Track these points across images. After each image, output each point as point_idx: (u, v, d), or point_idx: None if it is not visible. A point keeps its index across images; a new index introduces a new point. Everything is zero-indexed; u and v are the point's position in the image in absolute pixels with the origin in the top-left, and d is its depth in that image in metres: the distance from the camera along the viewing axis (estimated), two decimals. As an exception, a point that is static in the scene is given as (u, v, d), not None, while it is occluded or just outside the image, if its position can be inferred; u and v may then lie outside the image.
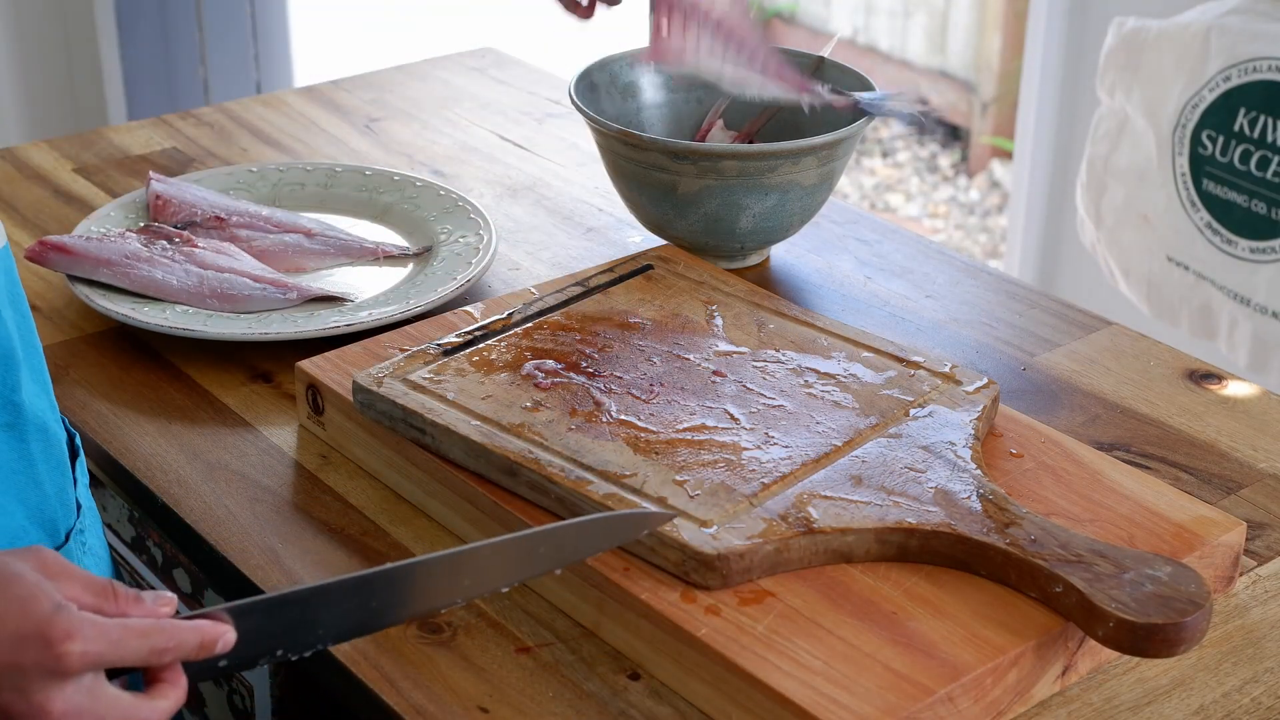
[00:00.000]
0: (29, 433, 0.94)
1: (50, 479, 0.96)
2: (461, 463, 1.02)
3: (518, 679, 0.92)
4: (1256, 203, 2.09)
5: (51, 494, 0.96)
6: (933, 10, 4.12)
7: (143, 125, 1.66)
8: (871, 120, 1.33)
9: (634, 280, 1.21)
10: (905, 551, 0.94)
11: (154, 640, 0.78)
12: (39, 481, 0.95)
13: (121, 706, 0.77)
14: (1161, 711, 0.91)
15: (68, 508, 0.98)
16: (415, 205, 1.43)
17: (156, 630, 0.78)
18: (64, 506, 0.98)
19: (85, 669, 0.76)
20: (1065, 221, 2.61)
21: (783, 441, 1.01)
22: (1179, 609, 0.87)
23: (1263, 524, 1.06)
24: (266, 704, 1.07)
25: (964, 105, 4.11)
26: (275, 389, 1.19)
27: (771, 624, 0.89)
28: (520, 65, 1.84)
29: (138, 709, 0.78)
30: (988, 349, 1.26)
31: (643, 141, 1.29)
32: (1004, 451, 1.05)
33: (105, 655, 0.77)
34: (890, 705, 0.84)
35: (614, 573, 0.93)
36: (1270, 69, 2.04)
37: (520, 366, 1.09)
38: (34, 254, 1.26)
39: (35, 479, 0.95)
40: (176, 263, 1.28)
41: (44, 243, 1.26)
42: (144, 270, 1.27)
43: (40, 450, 0.95)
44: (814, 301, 1.33)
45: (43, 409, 0.96)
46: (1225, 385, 1.22)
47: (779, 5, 4.44)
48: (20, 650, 0.75)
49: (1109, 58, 2.23)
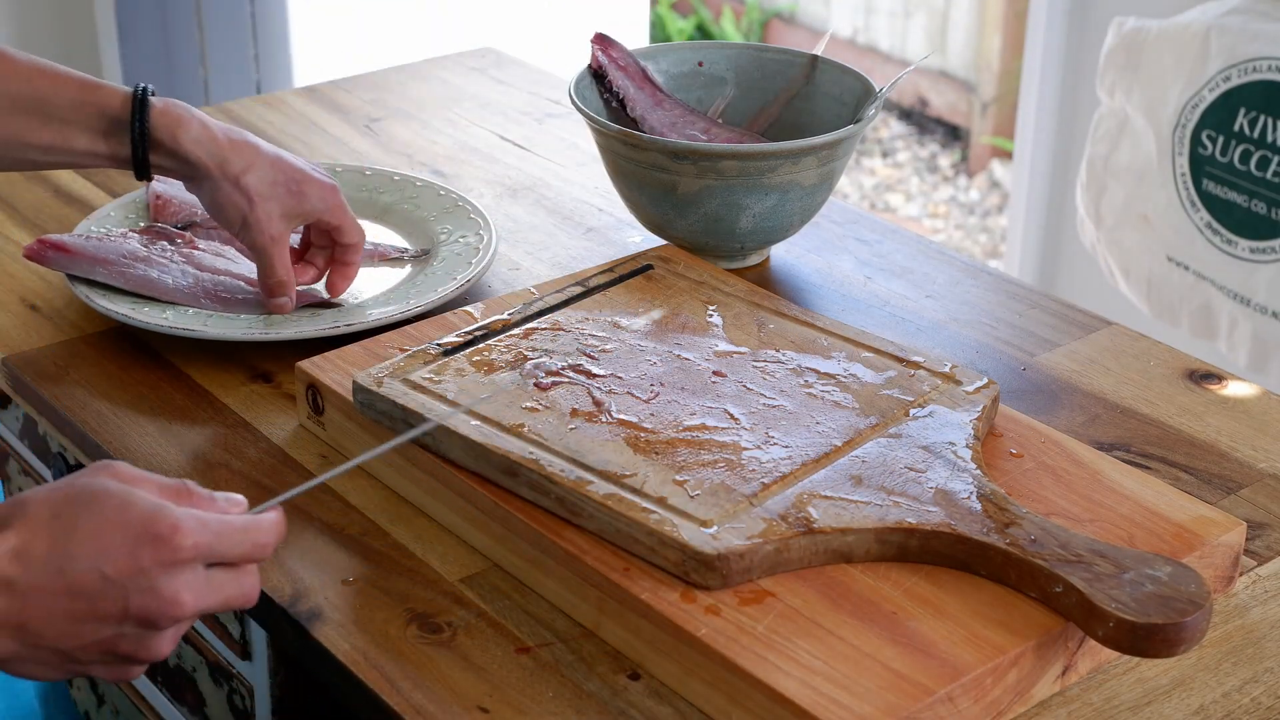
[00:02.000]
0: None
1: None
2: (461, 463, 1.02)
3: (518, 679, 0.92)
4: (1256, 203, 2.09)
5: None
6: (933, 10, 4.12)
7: (143, 125, 1.66)
8: (872, 120, 1.33)
9: (634, 280, 1.21)
10: (905, 551, 0.94)
11: (253, 535, 0.83)
12: None
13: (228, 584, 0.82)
14: (1161, 711, 0.91)
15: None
16: (415, 205, 1.43)
17: (254, 526, 0.83)
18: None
19: (197, 558, 0.81)
20: (1065, 221, 2.61)
21: (783, 441, 1.01)
22: (1179, 609, 0.87)
23: (1263, 524, 1.06)
24: (266, 704, 1.07)
25: (964, 105, 4.11)
26: (275, 389, 1.19)
27: (771, 624, 0.89)
28: (520, 65, 1.84)
29: (239, 583, 0.82)
30: (988, 349, 1.26)
31: (643, 141, 1.29)
32: (1004, 451, 1.05)
33: (213, 546, 0.81)
34: (890, 705, 0.84)
35: (614, 573, 0.93)
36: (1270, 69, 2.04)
37: (520, 366, 1.09)
38: (32, 252, 1.26)
39: None
40: (174, 263, 1.28)
41: (42, 241, 1.26)
42: (140, 270, 1.27)
43: None
44: (814, 301, 1.33)
45: None
46: (1225, 385, 1.22)
47: (779, 5, 4.44)
48: (137, 554, 0.79)
49: (1109, 58, 2.23)
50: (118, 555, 0.79)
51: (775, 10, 4.45)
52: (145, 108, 1.17)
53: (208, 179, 1.19)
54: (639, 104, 1.39)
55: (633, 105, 1.39)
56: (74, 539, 0.80)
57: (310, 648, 0.95)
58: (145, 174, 1.19)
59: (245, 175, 1.19)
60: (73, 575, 0.79)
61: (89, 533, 0.80)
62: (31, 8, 2.71)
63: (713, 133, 1.40)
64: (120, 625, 0.80)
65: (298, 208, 1.21)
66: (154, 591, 0.80)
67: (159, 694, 1.23)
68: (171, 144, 1.18)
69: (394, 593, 0.98)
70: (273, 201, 1.20)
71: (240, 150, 1.19)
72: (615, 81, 1.39)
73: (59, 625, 0.80)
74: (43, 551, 0.79)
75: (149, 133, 1.17)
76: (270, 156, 1.21)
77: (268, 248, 1.21)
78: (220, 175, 1.18)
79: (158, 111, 1.18)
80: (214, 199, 1.20)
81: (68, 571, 0.79)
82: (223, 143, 1.19)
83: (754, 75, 1.44)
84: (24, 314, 1.29)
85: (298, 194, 1.21)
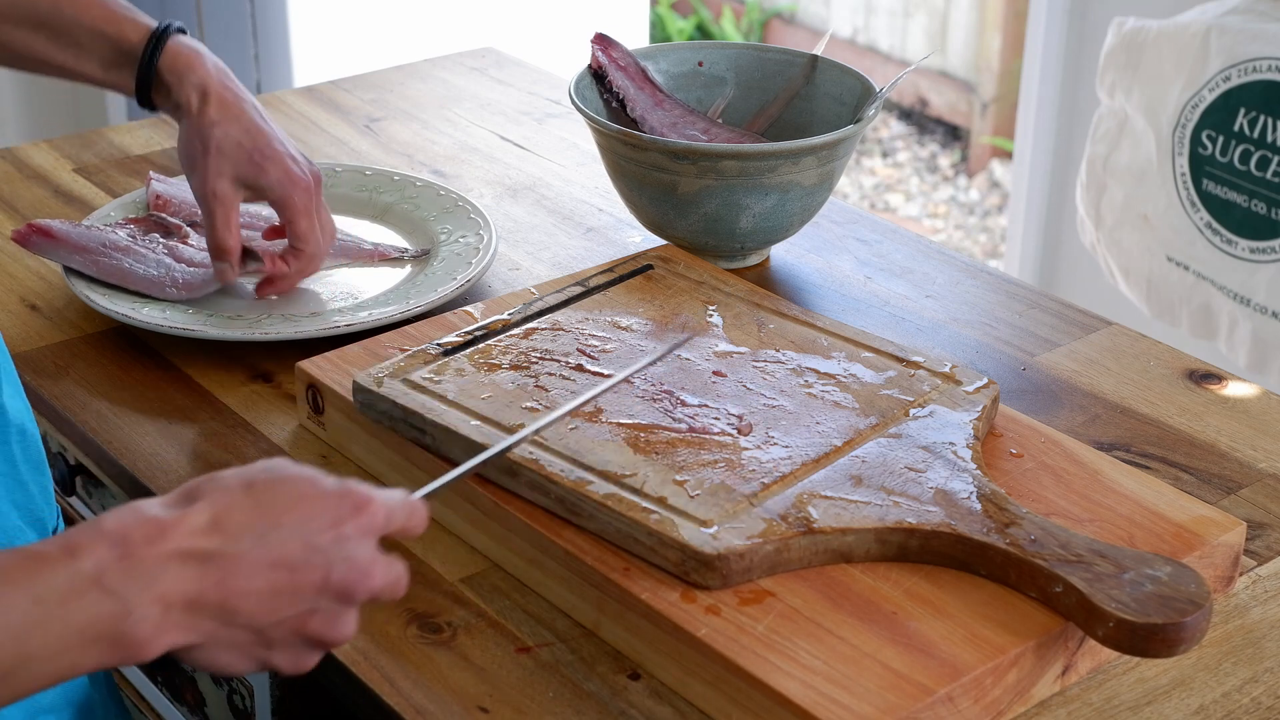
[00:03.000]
0: (10, 435, 0.95)
1: (32, 478, 0.97)
2: (462, 462, 1.01)
3: (518, 679, 0.92)
4: (1256, 203, 2.09)
5: (36, 493, 0.97)
6: (933, 10, 4.12)
7: (143, 125, 1.66)
8: (872, 120, 1.33)
9: (634, 280, 1.21)
10: (905, 551, 0.94)
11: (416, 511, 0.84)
12: (23, 481, 0.96)
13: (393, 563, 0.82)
14: (1161, 711, 0.91)
15: (51, 505, 0.99)
16: (415, 205, 1.43)
17: (413, 506, 0.84)
18: (48, 504, 0.98)
19: (387, 527, 0.82)
20: (1065, 221, 2.61)
21: (783, 441, 1.01)
22: (1179, 609, 0.87)
23: (1263, 524, 1.06)
24: (266, 704, 1.07)
25: (964, 105, 4.11)
26: (275, 389, 1.19)
27: (771, 624, 0.89)
28: (520, 65, 1.84)
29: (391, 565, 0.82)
30: (988, 349, 1.26)
31: (643, 141, 1.29)
32: (1004, 451, 1.05)
33: (395, 514, 0.82)
34: (890, 705, 0.84)
35: (614, 573, 0.93)
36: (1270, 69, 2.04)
37: (520, 367, 1.09)
38: (19, 236, 1.29)
39: (20, 479, 0.95)
40: (154, 254, 1.29)
41: (31, 226, 1.28)
42: (114, 259, 1.27)
43: (20, 451, 0.96)
44: (814, 301, 1.33)
45: (19, 409, 0.96)
46: (1225, 385, 1.22)
47: (779, 5, 4.44)
48: (339, 521, 0.79)
49: (1109, 58, 2.23)
50: (321, 522, 0.78)
51: (775, 10, 4.45)
52: (157, 51, 1.22)
53: (185, 119, 1.23)
54: (639, 104, 1.39)
55: (633, 105, 1.39)
56: (277, 508, 0.78)
57: (310, 648, 0.95)
58: (148, 105, 1.25)
59: (215, 127, 1.21)
60: (277, 544, 0.77)
61: (290, 501, 0.78)
62: (31, 8, 2.71)
63: (713, 133, 1.40)
64: (318, 599, 0.79)
65: (251, 177, 1.23)
66: (353, 561, 0.79)
67: (159, 694, 1.23)
68: (170, 85, 1.23)
69: (394, 593, 0.98)
70: (227, 160, 1.22)
71: (224, 105, 1.22)
72: (615, 81, 1.39)
73: (259, 599, 0.77)
74: (241, 521, 0.77)
75: (152, 74, 1.22)
76: (249, 121, 1.23)
77: (209, 200, 1.22)
78: (194, 117, 1.22)
79: (169, 55, 1.22)
80: (182, 137, 1.23)
81: (272, 541, 0.77)
82: (212, 92, 1.22)
83: (754, 75, 1.44)
84: (24, 314, 1.29)
85: (256, 165, 1.22)
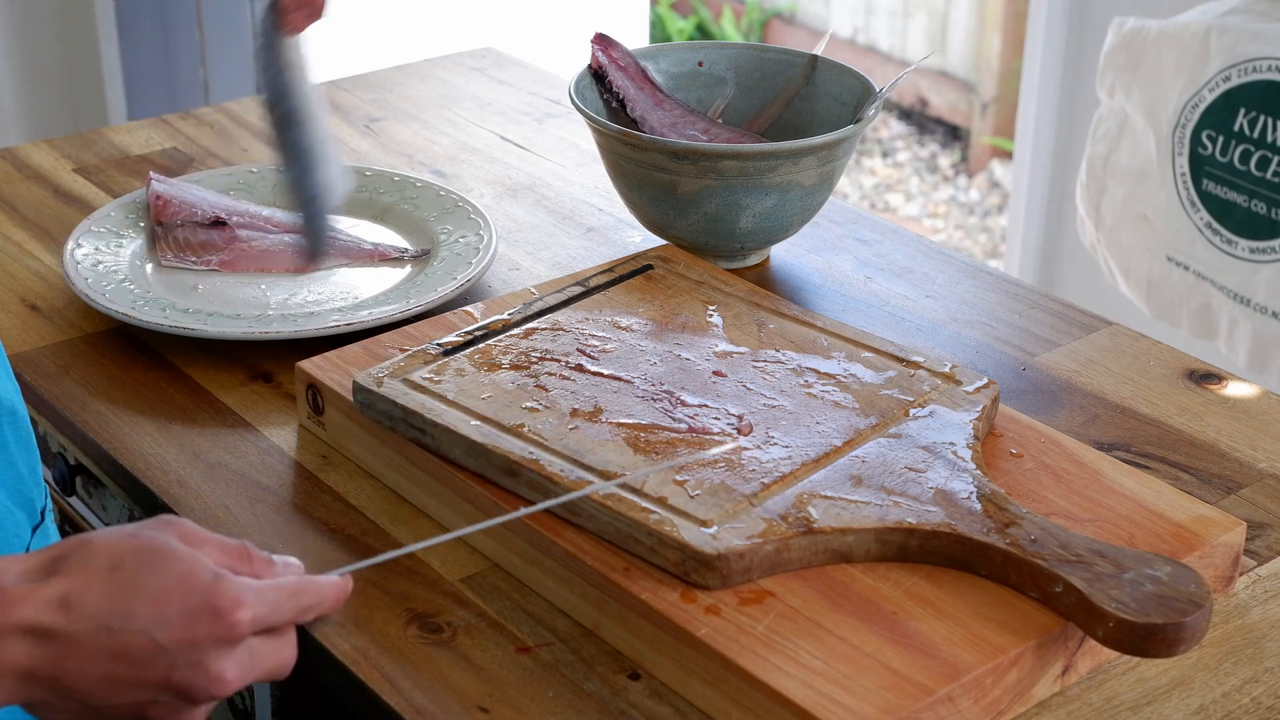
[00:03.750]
0: (1, 416, 0.94)
1: (22, 459, 0.96)
2: (462, 463, 1.02)
3: (518, 679, 0.92)
4: (1256, 203, 2.09)
5: (25, 474, 0.96)
6: (933, 10, 4.12)
7: (143, 125, 1.66)
8: (872, 120, 1.33)
9: (634, 280, 1.21)
10: (905, 551, 0.94)
11: (301, 599, 0.80)
12: (14, 462, 0.95)
13: (269, 655, 0.79)
14: (1161, 711, 0.91)
15: (40, 486, 0.99)
16: (415, 206, 1.43)
17: (302, 589, 0.80)
18: (37, 486, 0.98)
19: (251, 633, 0.78)
20: (1065, 221, 2.61)
21: (783, 441, 1.01)
22: (1179, 609, 0.87)
23: (1263, 524, 1.06)
24: (266, 704, 1.07)
25: (964, 105, 4.11)
26: (275, 389, 1.19)
27: (771, 624, 0.89)
28: (520, 65, 1.84)
29: (279, 653, 0.79)
30: (988, 349, 1.26)
31: (643, 141, 1.29)
32: (1004, 451, 1.05)
33: (267, 617, 0.79)
34: (890, 705, 0.84)
35: (614, 573, 0.93)
36: (1270, 69, 2.04)
37: (520, 366, 1.09)
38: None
39: (10, 460, 0.95)
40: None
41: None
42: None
43: (11, 432, 0.95)
44: (814, 301, 1.33)
45: (8, 391, 0.96)
46: (1225, 385, 1.22)
47: (779, 5, 4.44)
48: (193, 626, 0.76)
49: (1109, 58, 2.23)
50: (175, 624, 0.76)
51: (775, 10, 4.45)
52: None
53: None
54: (639, 104, 1.39)
55: (633, 105, 1.39)
56: (135, 597, 0.76)
57: (310, 647, 0.95)
58: None
59: None
60: (122, 636, 0.76)
61: (149, 594, 0.76)
62: (31, 8, 2.71)
63: (713, 133, 1.40)
64: (157, 693, 0.77)
65: None
66: (201, 667, 0.77)
67: (159, 694, 1.23)
68: None
69: (394, 593, 0.98)
70: None
71: None
72: (615, 82, 1.39)
73: (94, 684, 0.76)
74: (94, 604, 0.76)
75: None
76: None
77: None
78: None
79: None
80: None
81: (117, 632, 0.76)
82: None
83: (754, 75, 1.44)
84: (24, 314, 1.29)
85: None
